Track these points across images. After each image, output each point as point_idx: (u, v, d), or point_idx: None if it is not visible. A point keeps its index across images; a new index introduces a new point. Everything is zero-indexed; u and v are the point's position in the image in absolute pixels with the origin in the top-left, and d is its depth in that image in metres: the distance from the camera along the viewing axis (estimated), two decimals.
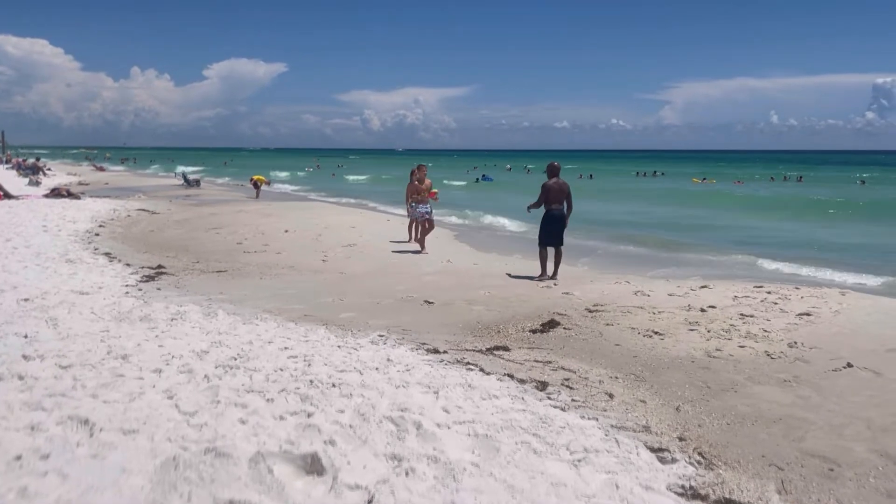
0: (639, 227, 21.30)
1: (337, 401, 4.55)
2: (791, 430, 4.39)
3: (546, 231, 10.80)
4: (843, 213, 27.81)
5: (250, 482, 3.36)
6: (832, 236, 19.69)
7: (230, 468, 3.46)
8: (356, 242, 14.54)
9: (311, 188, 40.79)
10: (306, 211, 21.06)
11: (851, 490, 3.62)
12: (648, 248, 16.42)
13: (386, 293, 9.30)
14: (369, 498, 3.25)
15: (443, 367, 5.58)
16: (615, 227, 20.83)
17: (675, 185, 49.10)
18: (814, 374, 5.47)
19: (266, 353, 5.83)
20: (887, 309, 7.86)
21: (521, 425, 4.28)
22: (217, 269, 11.46)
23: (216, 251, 13.54)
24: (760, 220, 24.61)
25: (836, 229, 21.55)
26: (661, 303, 8.18)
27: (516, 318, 7.60)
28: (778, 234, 19.86)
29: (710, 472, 3.81)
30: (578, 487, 3.49)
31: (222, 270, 11.29)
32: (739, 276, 11.90)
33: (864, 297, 8.66)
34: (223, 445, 3.68)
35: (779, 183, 54.33)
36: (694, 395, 5.10)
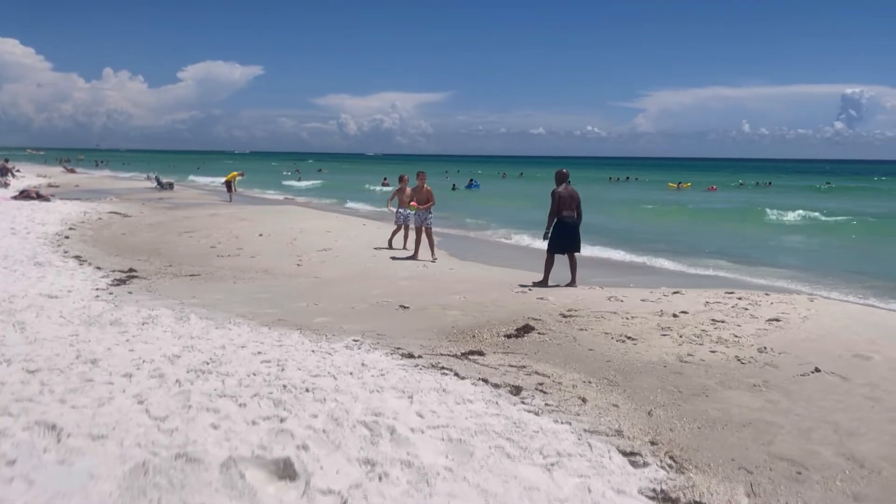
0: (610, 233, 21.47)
1: (310, 405, 4.53)
2: (760, 434, 4.45)
3: (558, 238, 10.50)
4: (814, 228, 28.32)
5: (221, 488, 3.33)
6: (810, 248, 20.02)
7: (201, 474, 3.42)
8: (331, 247, 14.48)
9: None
10: (281, 215, 20.92)
11: (818, 493, 3.68)
12: (622, 254, 16.55)
13: (361, 298, 9.28)
14: (342, 503, 3.23)
15: (417, 372, 5.58)
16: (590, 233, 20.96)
17: (648, 192, 49.62)
18: (783, 378, 5.56)
19: (239, 357, 5.78)
20: (854, 315, 8.02)
21: (494, 430, 4.29)
22: (190, 272, 11.33)
23: (189, 255, 13.40)
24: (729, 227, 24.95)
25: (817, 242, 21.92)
26: (633, 308, 8.26)
27: (491, 322, 7.62)
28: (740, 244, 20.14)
29: (680, 475, 3.85)
30: (551, 491, 3.51)
31: (195, 274, 11.17)
32: (710, 283, 12.05)
33: (831, 303, 8.82)
34: (194, 451, 3.64)
35: (749, 189, 55.22)
36: (666, 399, 5.15)
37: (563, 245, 10.50)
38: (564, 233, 10.50)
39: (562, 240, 10.49)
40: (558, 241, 10.51)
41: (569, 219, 10.51)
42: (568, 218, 10.51)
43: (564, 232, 10.50)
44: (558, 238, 10.51)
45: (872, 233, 22.34)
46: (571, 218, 10.53)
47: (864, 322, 7.58)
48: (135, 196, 30.08)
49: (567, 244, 10.52)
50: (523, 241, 18.72)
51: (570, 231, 10.53)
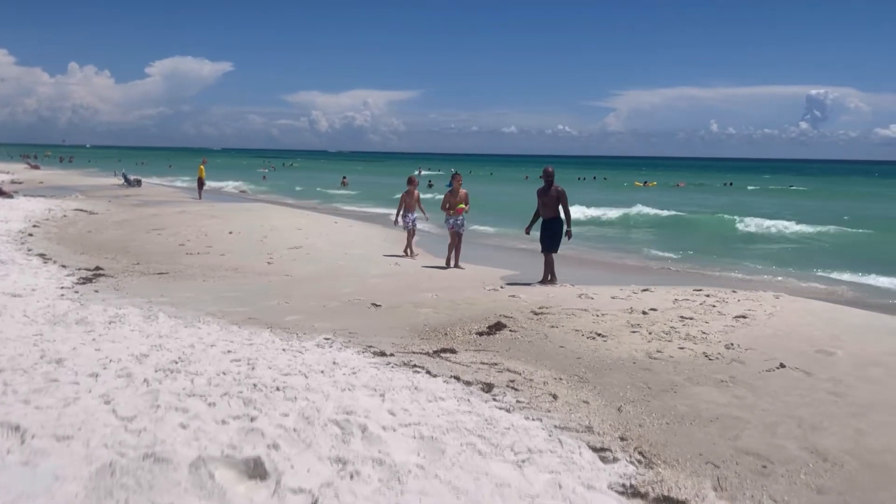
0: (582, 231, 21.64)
1: (281, 404, 4.49)
2: (727, 429, 4.52)
3: (548, 236, 10.70)
4: None
5: (190, 488, 3.29)
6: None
7: (169, 474, 3.37)
8: (302, 245, 14.38)
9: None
10: (251, 212, 20.72)
11: (783, 486, 3.76)
12: (593, 253, 16.70)
13: (332, 296, 9.23)
14: (313, 501, 3.21)
15: (389, 370, 5.57)
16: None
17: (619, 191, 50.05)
18: (749, 374, 5.65)
19: (208, 356, 5.71)
20: (817, 311, 8.18)
21: (466, 427, 4.30)
22: (158, 270, 11.18)
23: (157, 253, 13.21)
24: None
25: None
26: (604, 305, 8.34)
27: (463, 320, 7.64)
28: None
29: (649, 470, 3.90)
30: (522, 488, 3.53)
31: (164, 272, 11.02)
32: (678, 281, 12.21)
33: (795, 300, 8.99)
34: (162, 451, 3.59)
35: (718, 188, 56.02)
36: (635, 395, 5.21)
37: (556, 242, 10.69)
38: (554, 231, 10.71)
39: (552, 238, 10.69)
40: (551, 239, 10.70)
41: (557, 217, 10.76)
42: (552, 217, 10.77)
43: (552, 230, 10.71)
44: (550, 235, 10.69)
45: (837, 235, 22.83)
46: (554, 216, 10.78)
47: (827, 319, 7.75)
48: (101, 193, 29.58)
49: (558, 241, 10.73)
50: (497, 239, 18.77)
51: (559, 229, 10.76)
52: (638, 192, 46.12)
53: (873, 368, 5.74)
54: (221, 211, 20.83)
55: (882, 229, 22.09)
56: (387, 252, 14.20)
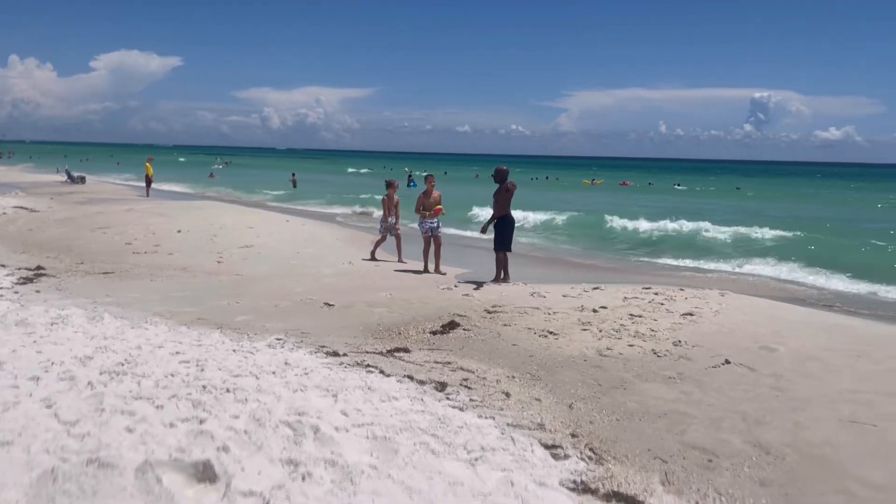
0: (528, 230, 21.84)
1: (231, 406, 4.42)
2: (674, 425, 4.63)
3: (504, 235, 10.61)
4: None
5: (137, 493, 3.21)
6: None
7: (115, 479, 3.29)
8: (253, 243, 14.17)
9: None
10: (200, 210, 20.31)
11: (728, 479, 3.86)
12: (543, 252, 16.89)
13: (284, 295, 9.13)
14: None
15: (342, 370, 5.53)
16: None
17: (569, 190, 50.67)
18: (696, 370, 5.80)
19: (156, 358, 5.58)
20: (761, 308, 8.44)
21: (419, 426, 4.30)
22: (103, 270, 10.89)
23: (103, 252, 12.86)
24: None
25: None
26: (555, 304, 8.44)
27: (417, 319, 7.64)
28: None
29: (600, 466, 3.97)
30: (475, 486, 3.55)
31: (109, 272, 10.74)
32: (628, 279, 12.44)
33: (740, 297, 9.25)
34: (107, 455, 3.50)
35: (660, 189, 57.10)
36: (586, 392, 5.29)
37: (508, 241, 10.67)
38: (509, 230, 10.68)
39: (507, 236, 10.66)
40: (507, 238, 10.66)
41: (509, 216, 10.71)
42: (509, 215, 10.71)
43: (508, 229, 10.69)
44: (506, 235, 10.65)
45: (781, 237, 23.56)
46: (510, 215, 10.74)
47: (770, 316, 8.00)
48: (43, 190, 28.63)
49: (509, 240, 10.72)
50: (451, 238, 18.81)
51: (512, 228, 10.77)
52: (583, 192, 46.82)
53: (812, 363, 5.95)
54: (170, 209, 20.37)
55: (818, 230, 22.86)
56: (340, 251, 14.10)
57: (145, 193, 28.37)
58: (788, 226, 22.04)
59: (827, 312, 8.78)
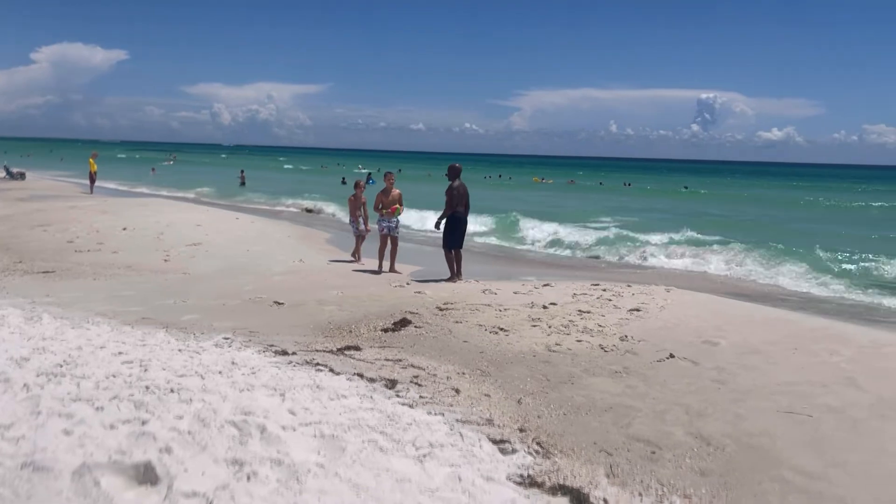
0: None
1: (175, 407, 4.33)
2: (620, 418, 4.72)
3: (452, 234, 10.52)
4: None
5: (73, 496, 3.12)
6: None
7: (50, 483, 3.19)
8: (202, 241, 13.91)
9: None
10: (146, 208, 19.83)
11: (670, 470, 3.95)
12: (492, 250, 17.01)
13: (233, 294, 8.98)
14: None
15: (291, 369, 5.47)
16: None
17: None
18: (641, 364, 5.91)
19: (97, 358, 5.43)
20: (704, 303, 8.66)
21: (368, 424, 4.29)
22: (43, 269, 10.55)
23: (43, 250, 12.45)
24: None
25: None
26: (506, 300, 8.50)
27: (368, 317, 7.61)
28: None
29: (546, 460, 4.01)
30: (423, 482, 3.55)
31: (49, 271, 10.41)
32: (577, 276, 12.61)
33: (685, 293, 9.47)
34: (43, 459, 3.39)
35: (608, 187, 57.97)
36: (535, 387, 5.35)
37: (456, 239, 10.61)
38: (457, 227, 10.61)
39: (455, 235, 10.59)
40: (452, 237, 10.59)
41: (460, 214, 10.62)
42: (460, 213, 10.61)
43: (457, 226, 10.61)
44: (454, 233, 10.59)
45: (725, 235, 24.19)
46: (462, 213, 10.64)
47: (713, 311, 8.21)
48: None
49: (458, 238, 10.64)
50: (403, 235, 18.77)
51: (463, 226, 10.68)
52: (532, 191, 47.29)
53: (752, 356, 6.13)
54: (115, 206, 19.84)
55: (760, 228, 23.58)
56: (291, 249, 13.93)
57: (89, 190, 27.57)
58: (732, 224, 22.66)
59: (767, 307, 9.06)
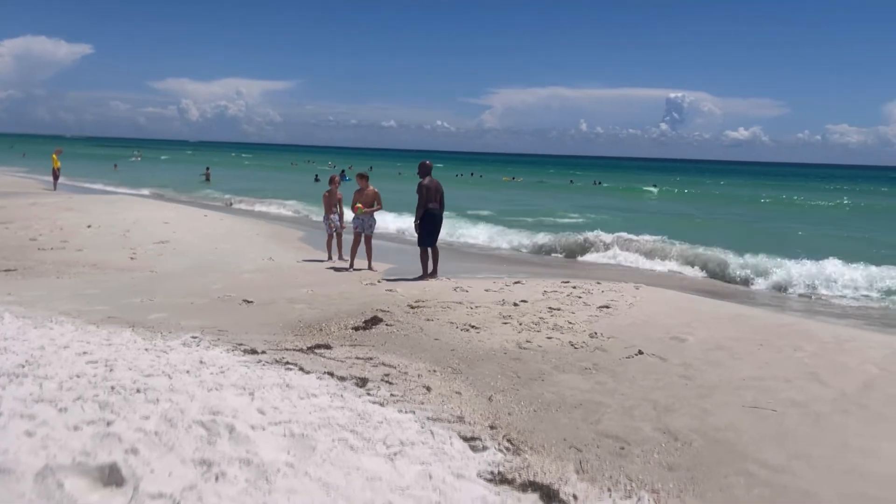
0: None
1: (141, 407, 4.26)
2: (589, 414, 4.76)
3: (426, 231, 10.41)
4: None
5: (36, 499, 3.06)
6: None
7: (11, 485, 3.12)
8: (169, 239, 13.72)
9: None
10: (112, 205, 19.49)
11: (639, 466, 4.00)
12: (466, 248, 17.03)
13: (201, 292, 8.87)
14: None
15: (260, 368, 5.42)
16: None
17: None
18: (610, 361, 5.97)
19: (61, 358, 5.32)
20: (672, 301, 8.78)
21: (338, 422, 4.26)
22: (5, 268, 10.31)
23: (4, 248, 12.17)
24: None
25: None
26: (478, 298, 8.52)
27: (339, 315, 7.57)
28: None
29: (517, 457, 4.03)
30: (393, 480, 3.54)
31: (11, 269, 10.18)
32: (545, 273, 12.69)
33: (654, 290, 9.59)
34: (4, 461, 3.31)
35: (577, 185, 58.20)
36: (505, 384, 5.37)
37: (430, 236, 10.55)
38: (431, 224, 10.51)
39: (429, 231, 10.49)
40: (428, 233, 10.51)
41: (435, 210, 10.52)
42: (434, 210, 10.51)
43: (431, 224, 10.51)
44: (428, 230, 10.50)
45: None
46: (436, 209, 10.54)
47: (681, 308, 8.33)
48: None
49: (432, 235, 10.58)
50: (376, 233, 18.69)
51: (437, 223, 10.61)
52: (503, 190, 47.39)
53: (718, 352, 6.23)
54: (80, 203, 19.46)
55: (728, 226, 23.95)
56: (261, 247, 13.79)
57: (52, 187, 27.02)
58: (702, 224, 22.97)
59: (733, 304, 9.22)
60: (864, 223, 28.88)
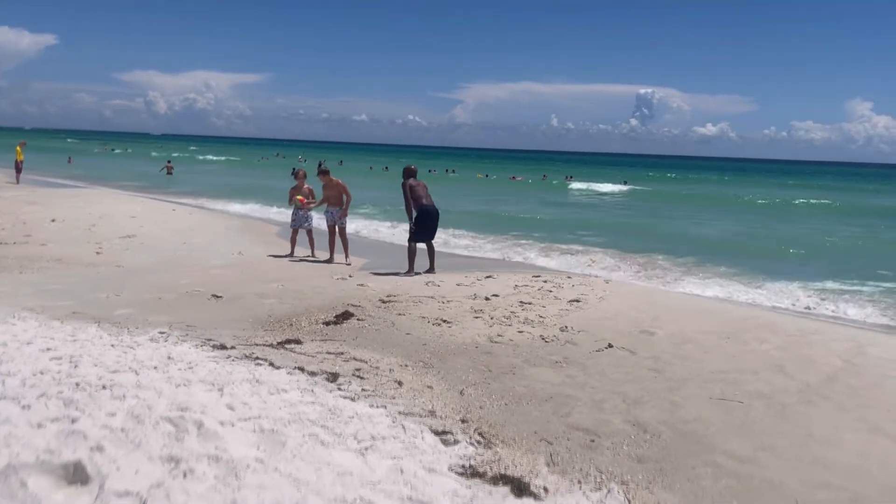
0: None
1: (107, 403, 4.19)
2: (560, 407, 4.79)
3: (421, 226, 10.32)
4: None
5: None
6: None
7: None
8: (136, 233, 13.50)
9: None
10: (77, 198, 19.11)
11: (608, 458, 4.04)
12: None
13: (169, 287, 8.74)
14: (141, 503, 3.03)
15: (229, 364, 5.36)
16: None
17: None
18: (581, 354, 6.02)
19: (24, 355, 5.20)
20: (641, 295, 8.87)
21: (309, 418, 4.23)
22: None
23: None
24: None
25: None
26: (449, 292, 8.53)
27: (310, 310, 7.52)
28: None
29: (488, 450, 4.04)
30: (364, 475, 3.53)
31: None
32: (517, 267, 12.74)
33: (623, 284, 9.69)
34: None
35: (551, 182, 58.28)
36: (477, 378, 5.39)
37: (425, 232, 10.48)
38: (427, 221, 10.41)
39: (424, 227, 10.41)
40: (421, 229, 10.41)
41: (430, 207, 10.41)
42: (430, 206, 10.41)
43: (427, 220, 10.40)
44: (427, 225, 10.40)
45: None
46: (433, 206, 10.45)
47: (650, 301, 8.42)
48: None
49: (428, 231, 10.51)
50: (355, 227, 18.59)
51: (433, 219, 10.48)
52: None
53: (687, 345, 6.32)
54: (43, 196, 19.06)
55: (701, 224, 24.23)
56: (230, 241, 13.63)
57: (15, 180, 26.39)
58: (677, 221, 23.21)
59: (700, 298, 9.35)
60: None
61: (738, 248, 17.16)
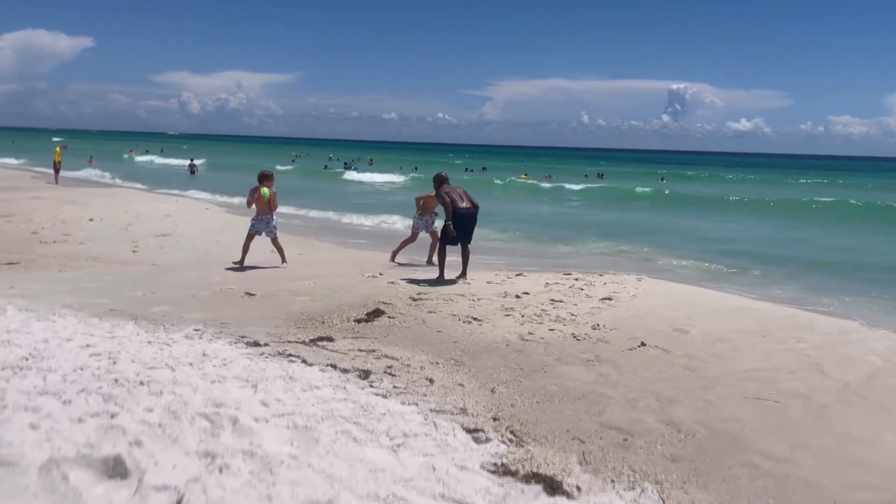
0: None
1: (145, 399, 4.27)
2: (592, 406, 4.76)
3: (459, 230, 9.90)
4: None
5: (41, 492, 3.06)
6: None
7: (16, 478, 3.13)
8: (171, 232, 13.73)
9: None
10: (114, 198, 19.50)
11: (642, 457, 4.00)
12: None
13: (203, 285, 8.87)
14: (178, 498, 3.08)
15: (263, 360, 5.42)
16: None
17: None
18: (613, 353, 5.97)
19: (64, 351, 5.33)
20: (674, 293, 8.77)
21: (341, 414, 4.27)
22: (7, 261, 10.32)
23: (6, 241, 12.18)
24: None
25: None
26: (479, 290, 8.52)
27: (341, 307, 7.57)
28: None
29: (520, 448, 4.04)
30: (396, 472, 3.55)
31: (14, 262, 10.18)
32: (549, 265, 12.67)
33: (656, 282, 9.58)
34: (8, 454, 3.32)
35: (591, 178, 57.85)
36: (508, 376, 5.38)
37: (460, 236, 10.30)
38: (461, 223, 10.25)
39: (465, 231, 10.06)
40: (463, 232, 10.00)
41: (465, 211, 10.24)
42: (465, 210, 10.23)
43: (461, 222, 10.23)
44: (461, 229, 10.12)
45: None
46: (468, 210, 10.12)
47: (683, 299, 8.32)
48: None
49: (462, 235, 10.35)
50: (373, 223, 18.70)
51: (465, 222, 10.18)
52: None
53: (720, 344, 6.23)
54: (81, 196, 19.48)
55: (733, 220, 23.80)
56: (261, 240, 13.75)
57: (54, 181, 27.02)
58: (706, 216, 22.91)
59: (734, 296, 9.20)
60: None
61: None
